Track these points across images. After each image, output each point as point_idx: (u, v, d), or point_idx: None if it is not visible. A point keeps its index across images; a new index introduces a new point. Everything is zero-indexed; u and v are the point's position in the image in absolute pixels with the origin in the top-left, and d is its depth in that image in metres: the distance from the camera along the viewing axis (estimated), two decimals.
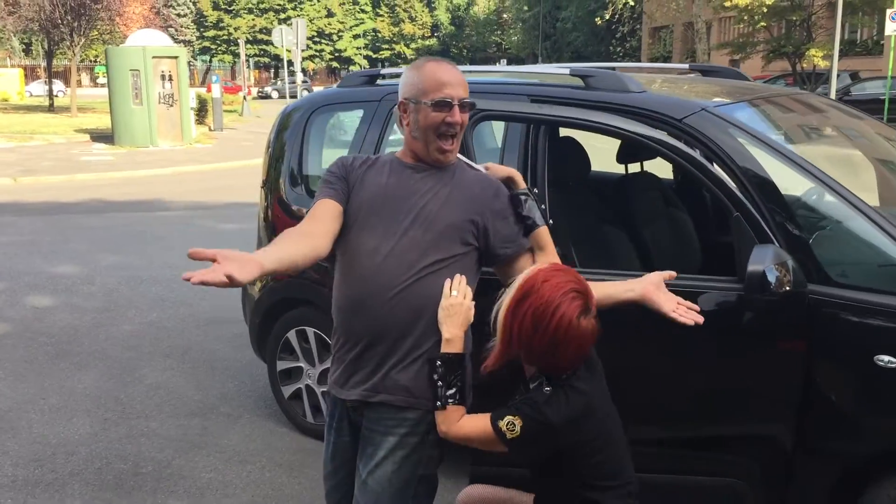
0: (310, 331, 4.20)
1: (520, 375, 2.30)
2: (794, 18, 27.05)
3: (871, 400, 2.66)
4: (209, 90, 26.83)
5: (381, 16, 74.18)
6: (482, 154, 3.61)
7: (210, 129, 25.87)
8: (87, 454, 4.15)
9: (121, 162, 17.53)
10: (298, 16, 61.23)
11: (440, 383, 2.21)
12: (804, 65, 28.18)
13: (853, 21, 27.37)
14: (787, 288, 2.58)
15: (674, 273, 2.52)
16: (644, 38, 45.99)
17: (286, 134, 4.38)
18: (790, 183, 2.93)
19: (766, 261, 2.58)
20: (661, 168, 4.15)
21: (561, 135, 3.90)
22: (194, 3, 64.73)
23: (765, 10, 25.61)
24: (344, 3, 73.31)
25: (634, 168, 4.38)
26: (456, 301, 2.22)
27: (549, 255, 2.46)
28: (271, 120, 5.81)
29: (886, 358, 2.57)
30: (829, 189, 2.83)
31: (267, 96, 60.70)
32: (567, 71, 3.46)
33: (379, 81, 4.10)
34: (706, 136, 2.98)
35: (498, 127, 3.65)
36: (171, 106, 20.84)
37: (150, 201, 12.74)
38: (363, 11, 74.71)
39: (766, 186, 2.84)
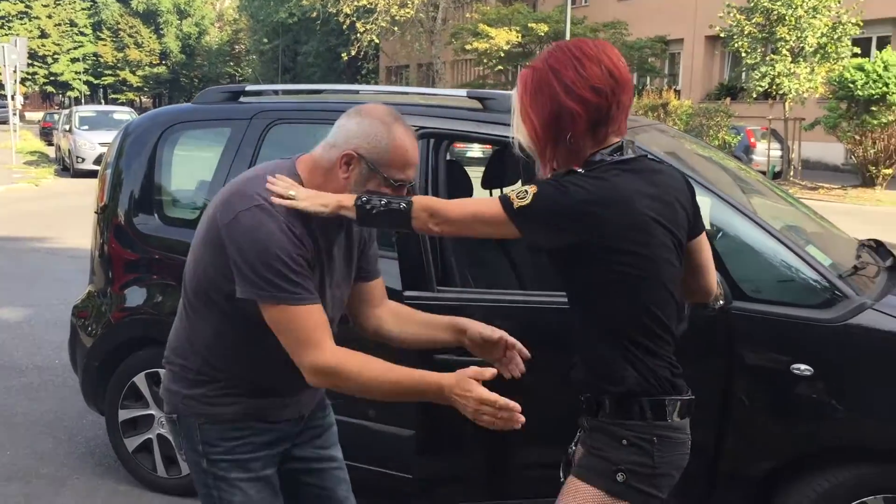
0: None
1: None
2: (527, 63, 29.22)
3: (789, 407, 2.86)
4: None
5: (103, 40, 69.46)
6: None
7: None
8: None
9: None
10: (6, 34, 55.73)
11: (377, 205, 1.98)
12: None
13: None
14: (721, 303, 2.72)
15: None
16: (381, 75, 47.35)
17: (129, 156, 3.91)
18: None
19: None
20: None
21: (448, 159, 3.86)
22: None
23: (501, 54, 27.44)
24: (60, 25, 67.89)
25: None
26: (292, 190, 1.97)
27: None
28: None
29: (803, 366, 2.78)
30: (730, 206, 3.04)
31: None
32: (464, 93, 3.45)
33: (244, 98, 3.82)
34: None
35: None
36: None
37: None
38: (82, 34, 69.57)
39: None
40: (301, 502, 2.31)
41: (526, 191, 1.89)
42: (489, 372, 1.89)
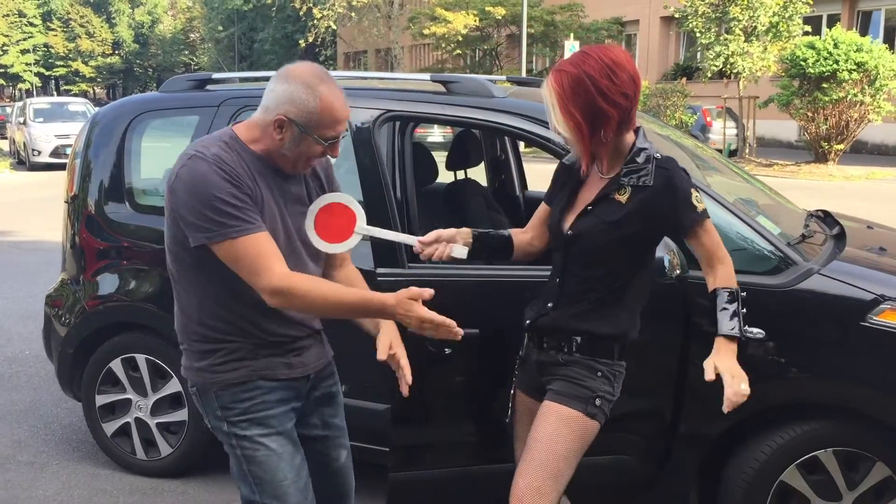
0: (140, 358, 3.83)
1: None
2: (486, 47, 29.39)
3: (743, 369, 3.00)
4: None
5: (54, 30, 68.10)
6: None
7: None
8: None
9: None
10: None
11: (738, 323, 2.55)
12: None
13: (532, 52, 30.28)
14: (678, 272, 2.86)
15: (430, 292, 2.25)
16: (339, 61, 47.11)
17: (98, 145, 3.95)
18: None
19: (660, 248, 2.84)
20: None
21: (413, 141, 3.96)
22: None
23: (460, 38, 27.48)
24: (8, 16, 66.36)
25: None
26: None
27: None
28: None
29: (755, 330, 2.94)
30: None
31: None
32: (427, 77, 3.55)
33: (210, 86, 3.88)
34: None
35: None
36: None
37: None
38: (32, 25, 68.13)
39: None
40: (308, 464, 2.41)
41: (693, 193, 2.38)
42: (427, 292, 2.11)
